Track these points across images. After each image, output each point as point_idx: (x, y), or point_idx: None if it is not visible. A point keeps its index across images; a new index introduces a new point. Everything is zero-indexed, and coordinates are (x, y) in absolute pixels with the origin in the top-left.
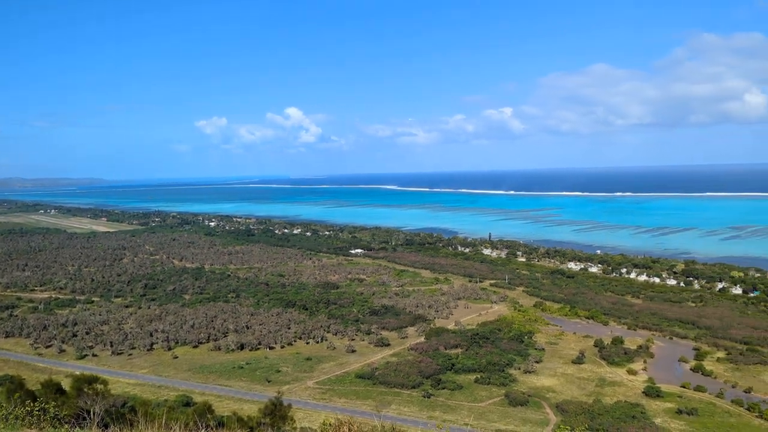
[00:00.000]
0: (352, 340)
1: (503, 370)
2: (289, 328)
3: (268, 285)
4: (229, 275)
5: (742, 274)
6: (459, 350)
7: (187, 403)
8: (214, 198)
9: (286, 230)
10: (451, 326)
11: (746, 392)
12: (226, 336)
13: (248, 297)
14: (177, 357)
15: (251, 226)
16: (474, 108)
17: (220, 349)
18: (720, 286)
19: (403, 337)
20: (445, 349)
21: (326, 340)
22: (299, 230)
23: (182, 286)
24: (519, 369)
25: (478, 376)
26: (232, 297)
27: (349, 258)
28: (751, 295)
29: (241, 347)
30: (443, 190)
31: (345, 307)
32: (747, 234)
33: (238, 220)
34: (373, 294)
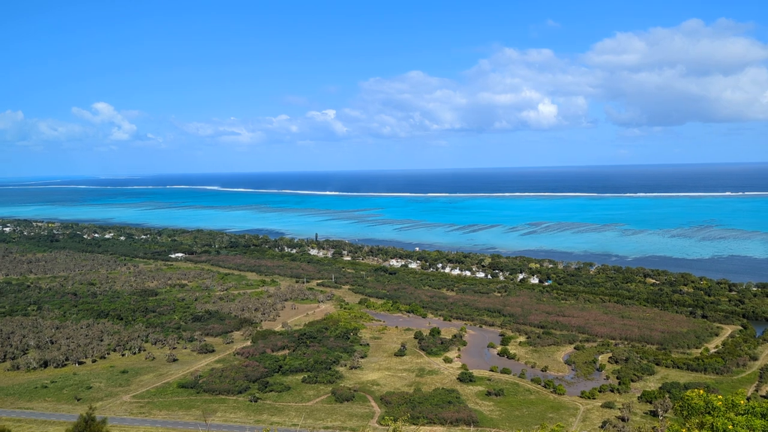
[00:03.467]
0: (174, 348)
1: (330, 368)
2: (101, 341)
3: (76, 295)
4: (28, 286)
5: (538, 266)
6: (286, 351)
7: None
8: (8, 200)
9: (96, 235)
10: (278, 328)
11: (543, 371)
12: (26, 353)
13: (52, 309)
14: None
15: (55, 231)
16: (298, 109)
17: (18, 368)
18: (521, 277)
19: (229, 342)
20: (273, 351)
21: (144, 350)
22: (112, 234)
23: None
24: (345, 365)
25: (306, 375)
26: (33, 310)
27: (169, 263)
28: (546, 284)
29: (45, 364)
30: (269, 191)
31: (165, 314)
32: (541, 230)
33: (39, 224)
34: (196, 299)
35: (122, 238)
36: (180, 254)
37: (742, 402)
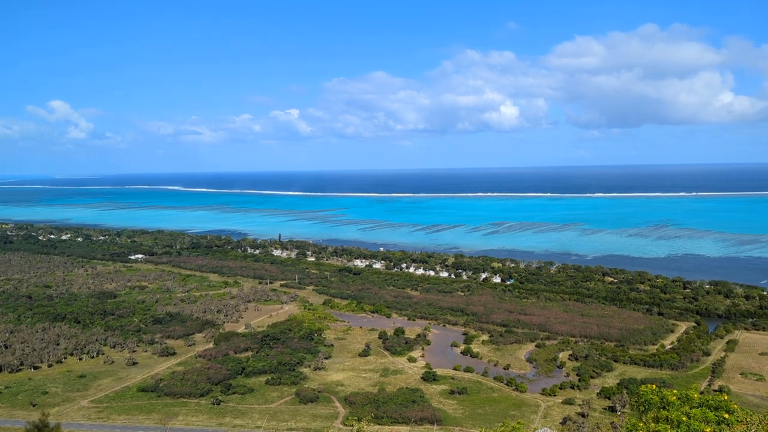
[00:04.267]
0: (134, 351)
1: (294, 369)
2: (58, 345)
3: (31, 298)
4: None
5: (500, 265)
6: (249, 353)
7: None
8: None
9: (52, 236)
10: (241, 330)
11: (505, 369)
12: None
13: (6, 312)
14: None
15: (8, 232)
16: (261, 108)
17: None
18: (483, 276)
19: (191, 345)
20: (235, 353)
21: (103, 354)
22: (68, 236)
23: None
24: (309, 366)
25: (270, 377)
26: None
27: (129, 264)
28: (508, 282)
29: None
30: (231, 191)
31: (124, 317)
32: (504, 229)
33: None
34: (157, 301)
35: (79, 239)
36: (140, 255)
37: (695, 396)
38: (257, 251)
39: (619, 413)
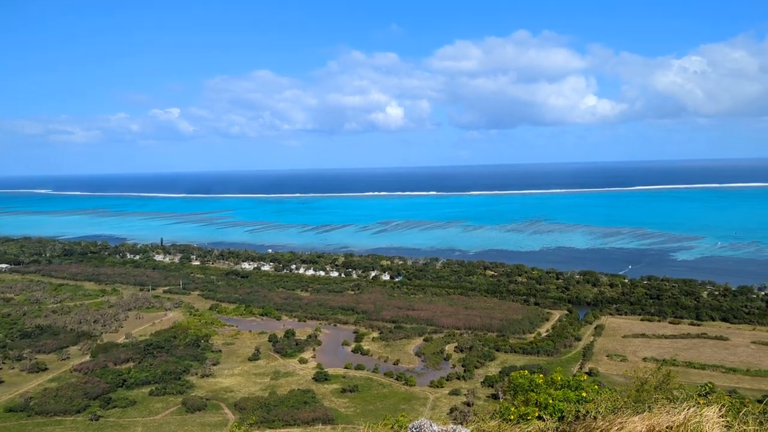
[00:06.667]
0: None
1: (180, 378)
2: None
3: None
4: None
5: (389, 263)
6: (131, 364)
7: None
8: None
9: None
10: (121, 340)
11: (395, 364)
12: None
13: None
14: None
15: None
16: (138, 107)
17: None
18: (373, 274)
19: (65, 359)
20: (115, 364)
21: None
22: None
23: None
24: (197, 374)
25: (153, 387)
26: None
27: None
28: (396, 279)
29: None
30: (108, 194)
31: None
32: (391, 228)
33: None
34: (24, 314)
35: None
36: (4, 265)
37: (559, 378)
38: (137, 257)
39: (501, 399)
